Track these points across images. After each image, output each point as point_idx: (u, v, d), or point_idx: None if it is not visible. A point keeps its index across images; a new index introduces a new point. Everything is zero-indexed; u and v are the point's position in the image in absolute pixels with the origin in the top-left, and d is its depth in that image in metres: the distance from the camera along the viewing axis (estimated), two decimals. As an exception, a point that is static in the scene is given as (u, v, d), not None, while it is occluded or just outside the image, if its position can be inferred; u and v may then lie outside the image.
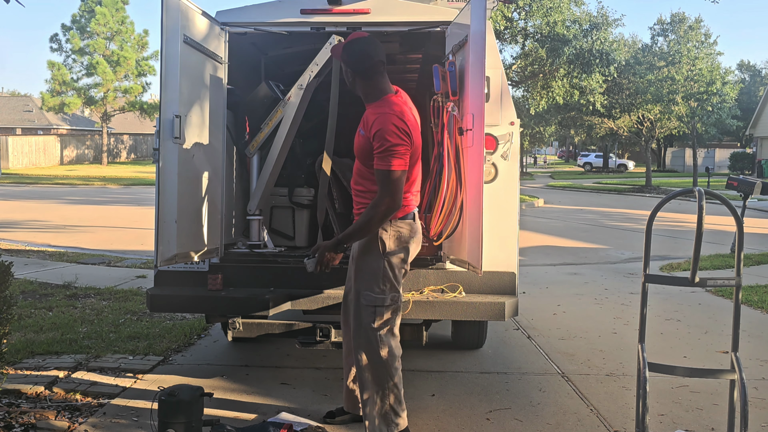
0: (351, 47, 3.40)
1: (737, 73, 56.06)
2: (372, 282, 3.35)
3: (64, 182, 30.01)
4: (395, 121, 3.24)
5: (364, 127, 3.36)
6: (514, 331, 5.92)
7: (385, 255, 3.36)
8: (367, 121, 3.33)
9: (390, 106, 3.32)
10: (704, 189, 3.02)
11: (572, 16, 20.13)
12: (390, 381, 3.34)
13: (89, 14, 41.56)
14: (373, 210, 3.24)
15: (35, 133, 50.48)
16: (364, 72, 3.38)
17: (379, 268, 3.36)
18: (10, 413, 3.75)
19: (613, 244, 12.39)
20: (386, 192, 3.22)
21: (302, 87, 4.56)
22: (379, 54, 3.40)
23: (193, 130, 4.07)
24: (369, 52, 3.38)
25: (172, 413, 3.13)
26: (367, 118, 3.35)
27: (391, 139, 3.20)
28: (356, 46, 3.39)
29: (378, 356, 3.32)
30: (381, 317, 3.34)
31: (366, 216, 3.26)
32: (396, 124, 3.23)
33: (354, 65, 3.40)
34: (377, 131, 3.22)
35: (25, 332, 5.52)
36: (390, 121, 3.23)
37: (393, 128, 3.21)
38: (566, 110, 30.06)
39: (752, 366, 4.92)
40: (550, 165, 65.44)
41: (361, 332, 3.37)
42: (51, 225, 14.11)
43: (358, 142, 3.42)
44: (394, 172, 3.21)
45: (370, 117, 3.32)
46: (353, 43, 3.40)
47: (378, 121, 3.24)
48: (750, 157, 43.63)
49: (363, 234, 3.31)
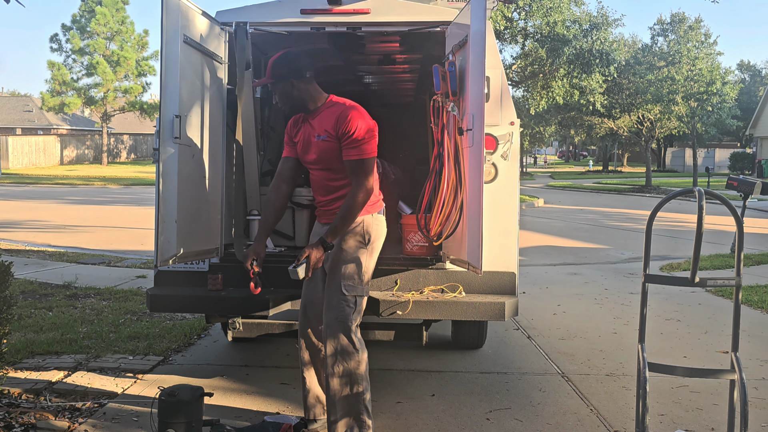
0: (281, 60, 3.40)
1: (737, 73, 56.08)
2: (354, 272, 3.37)
3: (65, 182, 30.02)
4: (358, 112, 3.36)
5: (323, 131, 3.40)
6: (514, 331, 5.92)
7: (368, 245, 3.43)
8: (326, 123, 3.39)
9: (342, 102, 3.42)
10: (704, 189, 3.02)
11: (572, 16, 20.12)
12: (365, 381, 3.32)
13: (89, 14, 41.55)
14: (353, 199, 3.30)
15: (35, 133, 50.48)
16: (304, 74, 3.40)
17: (361, 257, 3.40)
18: (10, 413, 3.75)
19: (613, 244, 12.39)
20: (364, 179, 3.31)
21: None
22: (308, 57, 3.54)
23: (193, 130, 4.07)
24: (299, 56, 3.42)
25: (172, 413, 3.13)
26: (323, 121, 3.40)
27: (361, 127, 3.31)
28: (284, 57, 3.41)
29: (354, 350, 3.29)
30: (358, 309, 3.36)
31: (346, 208, 3.31)
32: (362, 114, 3.36)
33: (294, 72, 3.39)
34: (345, 125, 3.31)
35: (25, 332, 5.52)
36: (353, 113, 3.34)
37: (359, 118, 3.33)
38: (566, 110, 30.06)
39: (752, 366, 4.92)
40: (550, 165, 65.43)
41: (337, 326, 3.30)
42: (51, 225, 14.11)
43: (321, 148, 3.42)
44: (370, 159, 3.33)
45: (329, 118, 3.39)
46: (281, 57, 3.42)
47: (342, 117, 3.33)
48: (750, 157, 43.63)
49: (346, 226, 3.36)
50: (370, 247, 3.45)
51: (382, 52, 5.90)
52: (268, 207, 3.56)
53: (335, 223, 3.32)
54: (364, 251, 3.42)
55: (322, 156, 3.43)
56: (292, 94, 3.42)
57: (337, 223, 3.31)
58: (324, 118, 3.41)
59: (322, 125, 3.40)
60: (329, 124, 3.37)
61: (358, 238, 3.42)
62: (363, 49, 5.66)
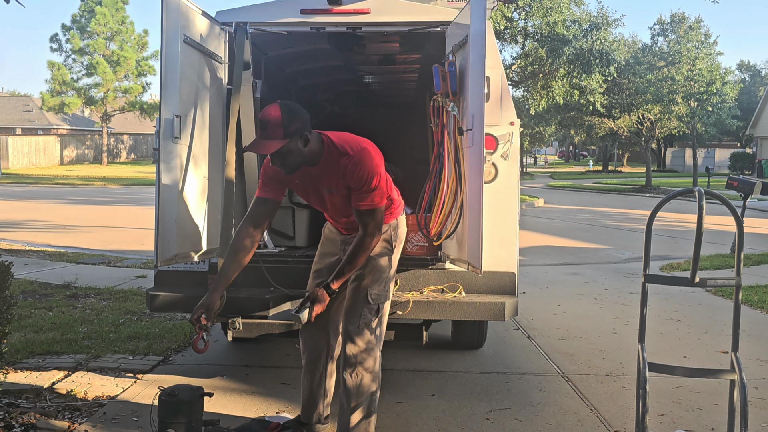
0: (289, 115, 3.00)
1: (737, 73, 56.08)
2: (381, 279, 3.32)
3: (65, 182, 30.01)
4: (363, 160, 3.11)
5: (333, 185, 3.18)
6: (514, 331, 5.92)
7: (393, 249, 3.39)
8: (333, 174, 3.15)
9: (344, 149, 3.13)
10: (704, 189, 3.02)
11: (572, 16, 20.11)
12: (377, 386, 3.31)
13: (89, 14, 41.54)
14: (362, 246, 3.17)
15: (35, 133, 50.48)
16: (309, 125, 3.08)
17: (388, 263, 3.36)
18: (10, 413, 3.74)
19: (613, 244, 12.39)
20: (373, 227, 3.17)
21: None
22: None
23: (193, 130, 4.07)
24: (296, 105, 3.09)
25: (172, 413, 3.12)
26: (330, 172, 3.15)
27: (370, 176, 3.10)
28: (290, 110, 3.03)
29: (375, 358, 3.29)
30: (380, 315, 3.33)
31: (355, 254, 3.18)
32: (366, 158, 3.11)
33: (307, 124, 3.06)
34: (353, 177, 3.10)
35: (25, 332, 5.52)
36: (359, 165, 3.09)
37: (365, 167, 3.10)
38: (566, 110, 30.04)
39: (752, 366, 4.92)
40: (550, 165, 65.44)
41: (360, 332, 3.27)
42: (51, 225, 14.11)
43: (336, 201, 3.25)
44: (380, 209, 3.18)
45: (335, 169, 3.13)
46: (287, 111, 3.01)
47: (349, 170, 3.10)
48: (750, 157, 43.63)
49: (353, 272, 3.25)
50: (395, 252, 3.41)
51: (382, 52, 5.90)
52: (234, 254, 3.19)
53: (343, 269, 3.19)
54: (390, 257, 3.38)
55: (337, 206, 3.30)
56: (302, 150, 3.04)
57: (345, 269, 3.19)
58: (329, 169, 3.15)
59: (330, 177, 3.16)
60: (336, 175, 3.14)
61: (384, 244, 3.36)
62: (363, 49, 5.66)
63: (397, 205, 3.48)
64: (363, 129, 8.18)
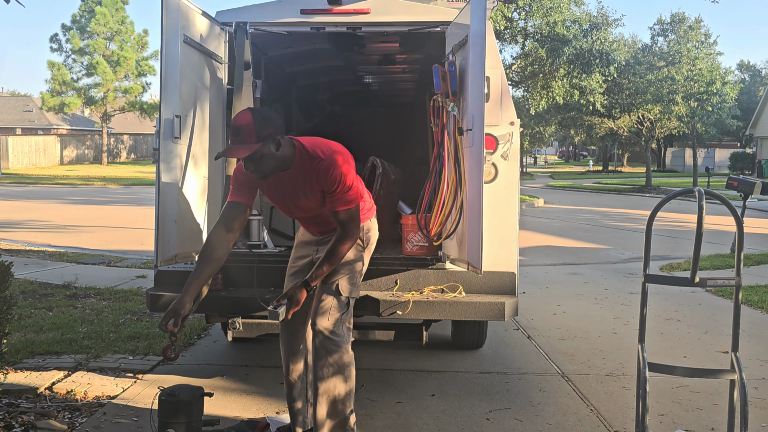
0: (260, 119, 3.00)
1: (737, 73, 56.06)
2: (353, 275, 3.34)
3: (65, 182, 30.02)
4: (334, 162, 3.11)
5: (307, 188, 3.19)
6: (514, 331, 5.92)
7: (365, 248, 3.42)
8: (307, 178, 3.15)
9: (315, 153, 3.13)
10: (704, 189, 3.02)
11: (572, 16, 20.12)
12: (352, 382, 3.26)
13: (89, 14, 41.55)
14: (340, 245, 3.18)
15: (35, 133, 50.47)
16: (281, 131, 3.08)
17: (360, 261, 3.39)
18: (10, 413, 3.75)
19: (613, 244, 12.39)
20: (352, 227, 3.19)
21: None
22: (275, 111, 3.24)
23: (193, 130, 4.07)
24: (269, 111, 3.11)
25: (172, 413, 3.12)
26: (304, 177, 3.16)
27: (343, 178, 3.11)
28: (260, 115, 3.03)
29: (344, 352, 3.23)
30: (349, 311, 3.33)
31: (333, 254, 3.19)
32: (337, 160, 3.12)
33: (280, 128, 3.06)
34: (326, 180, 3.11)
35: (25, 332, 5.52)
36: (331, 167, 3.10)
37: (337, 168, 3.10)
38: (566, 110, 30.04)
39: (752, 366, 4.92)
40: (550, 165, 65.45)
41: (330, 326, 3.22)
42: (51, 225, 14.11)
43: (310, 204, 3.25)
44: (356, 207, 3.20)
45: (308, 173, 3.14)
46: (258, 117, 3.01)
47: (322, 173, 3.11)
48: (750, 157, 43.63)
49: (330, 270, 3.25)
50: (368, 250, 3.46)
51: (382, 52, 5.90)
52: (207, 258, 3.14)
53: (321, 267, 3.19)
54: (362, 255, 3.42)
55: (312, 209, 3.31)
56: (275, 154, 3.05)
57: (324, 267, 3.20)
58: (302, 173, 3.16)
59: (303, 181, 3.18)
60: (309, 178, 3.15)
61: (358, 243, 3.40)
62: (363, 49, 5.66)
63: (370, 207, 3.50)
64: (363, 129, 8.24)
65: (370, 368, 4.78)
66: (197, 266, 3.15)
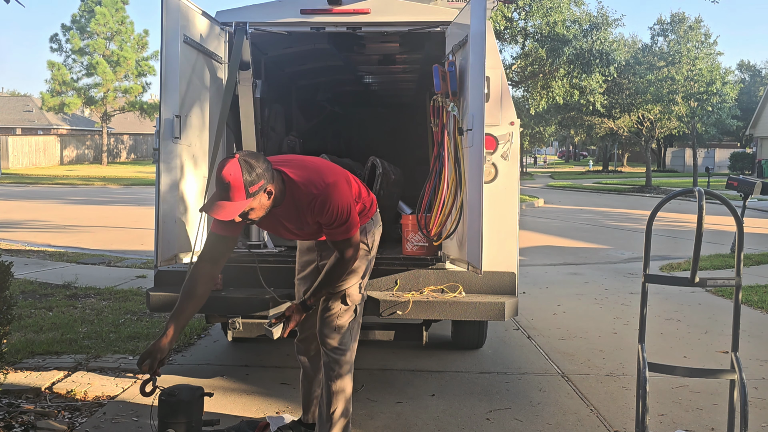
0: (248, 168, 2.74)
1: (737, 73, 56.05)
2: (357, 281, 3.32)
3: (65, 182, 30.02)
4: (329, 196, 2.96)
5: (304, 222, 3.06)
6: (514, 331, 5.92)
7: (370, 250, 3.39)
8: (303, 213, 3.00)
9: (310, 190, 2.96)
10: (704, 189, 3.02)
11: (572, 16, 20.12)
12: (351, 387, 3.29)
13: (89, 14, 41.54)
14: (340, 268, 3.13)
15: (35, 133, 50.47)
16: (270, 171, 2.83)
17: (364, 266, 3.36)
18: (10, 413, 3.75)
19: (613, 244, 12.38)
20: (351, 251, 3.12)
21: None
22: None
23: (193, 131, 4.07)
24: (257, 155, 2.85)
25: (172, 413, 3.12)
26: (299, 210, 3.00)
27: (340, 209, 2.98)
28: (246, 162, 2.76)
29: (350, 359, 3.27)
30: (357, 317, 3.33)
31: (332, 275, 3.15)
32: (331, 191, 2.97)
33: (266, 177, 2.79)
34: (323, 214, 2.97)
35: (25, 332, 5.52)
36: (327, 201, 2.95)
37: (332, 200, 2.96)
38: (566, 110, 30.05)
39: (752, 366, 4.92)
40: (550, 165, 65.44)
41: (337, 334, 3.24)
42: (51, 225, 14.11)
43: (308, 233, 3.18)
44: (355, 236, 3.12)
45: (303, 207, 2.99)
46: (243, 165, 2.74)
47: (318, 207, 2.96)
48: (750, 157, 43.62)
49: (329, 291, 3.23)
50: (372, 252, 3.42)
51: (382, 52, 5.90)
52: (189, 294, 2.95)
53: (320, 287, 3.17)
54: (366, 258, 3.37)
55: (308, 234, 3.25)
56: (266, 204, 2.85)
57: (322, 288, 3.17)
58: (295, 208, 3.00)
59: (298, 215, 3.03)
60: (303, 212, 3.01)
61: (363, 247, 3.36)
62: (363, 49, 5.66)
63: (371, 212, 3.41)
64: (363, 129, 8.22)
65: (370, 368, 4.78)
66: (179, 303, 2.96)
